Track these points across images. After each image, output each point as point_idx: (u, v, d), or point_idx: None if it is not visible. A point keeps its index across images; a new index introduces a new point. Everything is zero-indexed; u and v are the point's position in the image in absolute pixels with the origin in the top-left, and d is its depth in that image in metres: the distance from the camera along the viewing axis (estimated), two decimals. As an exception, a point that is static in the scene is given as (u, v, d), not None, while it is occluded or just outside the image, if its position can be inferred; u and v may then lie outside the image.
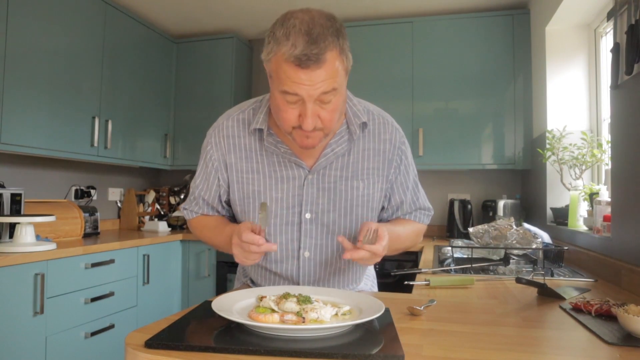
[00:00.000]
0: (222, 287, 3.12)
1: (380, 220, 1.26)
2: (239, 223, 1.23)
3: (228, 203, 1.25)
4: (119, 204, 3.54)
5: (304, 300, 0.88)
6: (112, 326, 2.49)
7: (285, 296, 0.89)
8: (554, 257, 1.88)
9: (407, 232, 1.23)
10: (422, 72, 3.19)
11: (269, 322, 0.81)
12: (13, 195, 2.32)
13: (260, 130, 1.13)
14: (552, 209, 2.54)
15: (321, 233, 1.16)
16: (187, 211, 1.27)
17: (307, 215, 1.14)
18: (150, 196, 3.61)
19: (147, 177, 3.92)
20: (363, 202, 1.16)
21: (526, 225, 2.03)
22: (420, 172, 1.35)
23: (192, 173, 3.68)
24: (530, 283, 1.30)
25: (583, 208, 2.19)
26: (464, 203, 3.18)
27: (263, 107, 1.13)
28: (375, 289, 1.43)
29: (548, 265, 1.82)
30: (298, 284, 1.20)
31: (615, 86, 1.61)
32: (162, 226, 3.31)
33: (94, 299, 2.37)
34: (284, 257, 1.18)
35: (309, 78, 0.93)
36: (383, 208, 1.24)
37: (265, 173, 1.14)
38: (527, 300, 1.20)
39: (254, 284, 1.32)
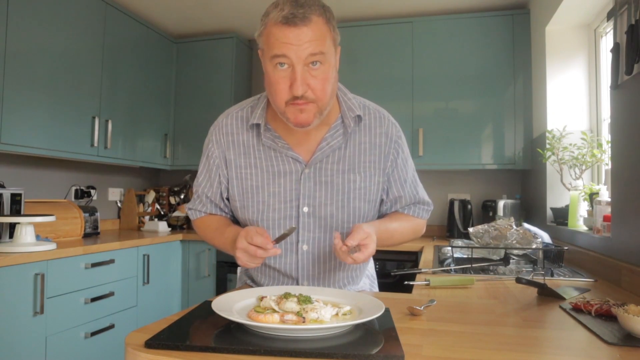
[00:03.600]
0: (222, 287, 3.12)
1: (379, 214, 1.27)
2: (240, 222, 1.24)
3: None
4: (119, 204, 3.54)
5: (304, 300, 0.88)
6: (112, 326, 2.49)
7: (286, 296, 0.89)
8: (554, 257, 1.88)
9: (403, 228, 1.24)
10: (422, 72, 3.18)
11: (269, 322, 0.81)
12: (13, 195, 2.32)
13: (258, 126, 1.16)
14: (552, 209, 2.53)
15: (319, 226, 1.17)
16: (191, 211, 1.28)
17: (305, 209, 1.15)
18: (150, 196, 3.61)
19: (147, 177, 3.92)
20: (360, 195, 1.17)
21: (526, 225, 2.03)
22: (420, 172, 1.35)
23: (192, 173, 3.68)
24: (530, 283, 1.30)
25: (583, 208, 2.19)
26: (464, 203, 3.18)
27: (261, 103, 1.16)
28: (376, 288, 1.43)
29: (548, 265, 1.82)
30: (297, 280, 1.20)
31: (615, 86, 1.61)
32: (162, 226, 3.31)
33: (94, 299, 2.37)
34: (282, 252, 1.19)
35: (296, 36, 0.97)
36: (382, 201, 1.24)
37: (263, 168, 1.16)
38: (527, 300, 1.20)
39: (254, 283, 1.32)
